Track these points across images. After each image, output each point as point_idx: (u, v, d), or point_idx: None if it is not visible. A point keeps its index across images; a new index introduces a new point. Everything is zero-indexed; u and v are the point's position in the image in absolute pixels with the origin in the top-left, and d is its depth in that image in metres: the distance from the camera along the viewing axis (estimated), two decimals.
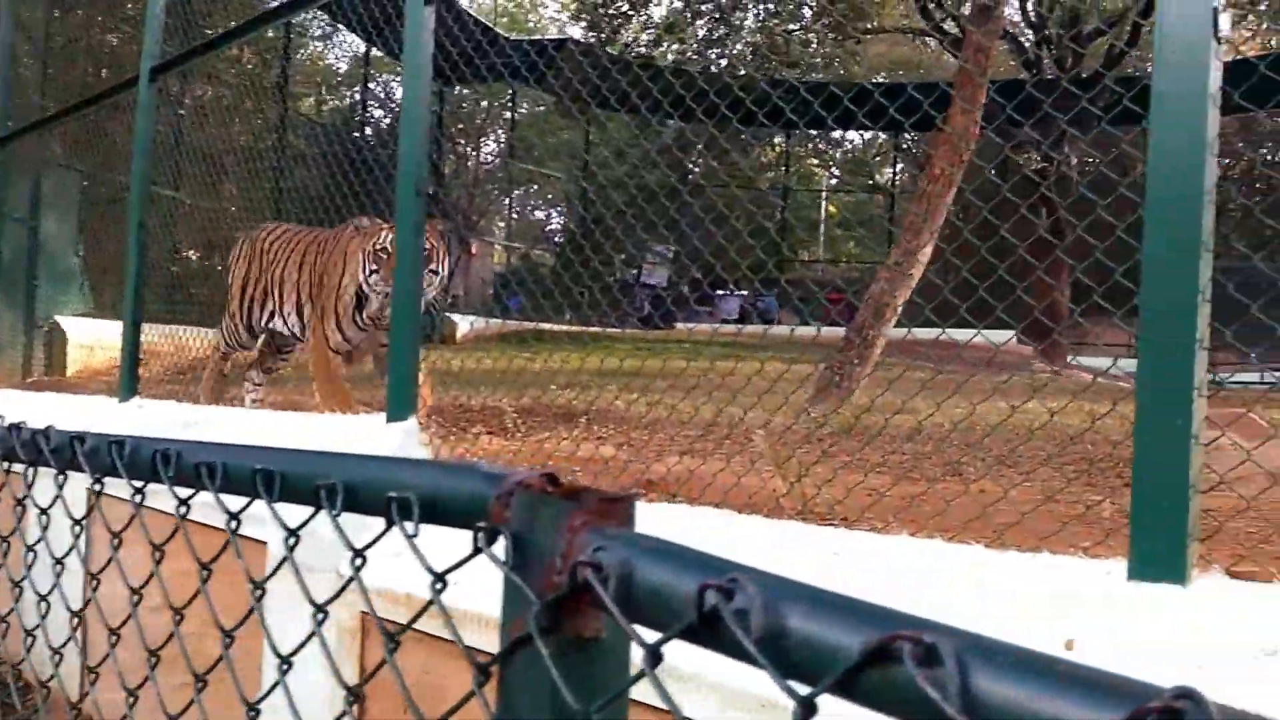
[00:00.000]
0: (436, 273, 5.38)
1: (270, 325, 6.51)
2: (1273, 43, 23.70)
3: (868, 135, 31.31)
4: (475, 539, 0.87)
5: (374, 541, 1.02)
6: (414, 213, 4.52)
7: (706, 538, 3.05)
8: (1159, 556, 2.26)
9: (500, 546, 0.86)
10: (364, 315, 5.73)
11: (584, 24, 20.35)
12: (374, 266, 5.43)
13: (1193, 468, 2.25)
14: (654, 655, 0.69)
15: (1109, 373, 3.51)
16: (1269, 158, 25.12)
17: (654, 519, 3.25)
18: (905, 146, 29.47)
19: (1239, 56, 18.98)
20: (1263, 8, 21.06)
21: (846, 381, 7.20)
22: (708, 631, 0.66)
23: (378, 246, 5.38)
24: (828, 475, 3.44)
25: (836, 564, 2.78)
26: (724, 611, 0.64)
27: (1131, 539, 2.30)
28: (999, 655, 0.53)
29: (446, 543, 0.96)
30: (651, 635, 0.72)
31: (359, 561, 1.01)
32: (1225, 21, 2.41)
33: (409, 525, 0.94)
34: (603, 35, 18.97)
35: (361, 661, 3.70)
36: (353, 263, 5.67)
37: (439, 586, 0.90)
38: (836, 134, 31.62)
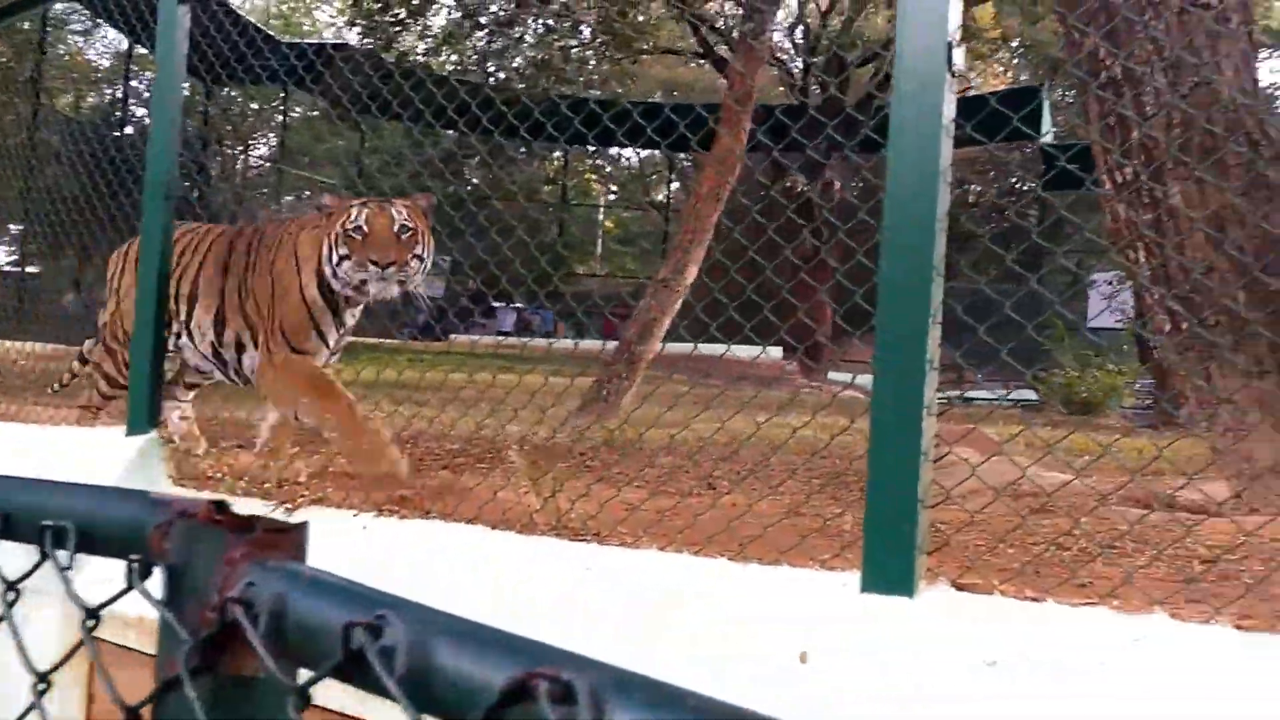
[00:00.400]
0: (421, 258, 4.22)
1: (178, 345, 4.97)
2: (1023, 77, 25.45)
3: (644, 153, 31.84)
4: (129, 572, 0.80)
5: (27, 575, 0.93)
6: (160, 217, 4.32)
7: (459, 555, 3.01)
8: (890, 569, 2.34)
9: (159, 580, 0.79)
10: (340, 316, 4.43)
11: (359, 30, 19.90)
12: (344, 251, 4.16)
13: (922, 483, 2.34)
14: (301, 696, 0.65)
15: (858, 386, 3.65)
16: (1018, 185, 26.96)
17: (406, 536, 3.18)
18: (680, 165, 30.13)
19: (984, 91, 20.26)
20: (1014, 44, 22.58)
21: (613, 395, 7.27)
22: (356, 670, 0.62)
23: (348, 226, 4.15)
24: (583, 490, 3.43)
25: (588, 579, 2.77)
26: (369, 650, 0.60)
27: (865, 552, 2.37)
28: (634, 691, 0.52)
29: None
30: (308, 674, 0.67)
31: (10, 596, 0.92)
32: (959, 56, 2.52)
33: (62, 555, 0.86)
34: (378, 42, 18.62)
35: (89, 689, 3.47)
36: (310, 257, 4.38)
37: (90, 624, 0.83)
38: (614, 151, 32.07)
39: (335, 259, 4.21)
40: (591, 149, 30.42)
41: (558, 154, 29.85)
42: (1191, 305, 3.34)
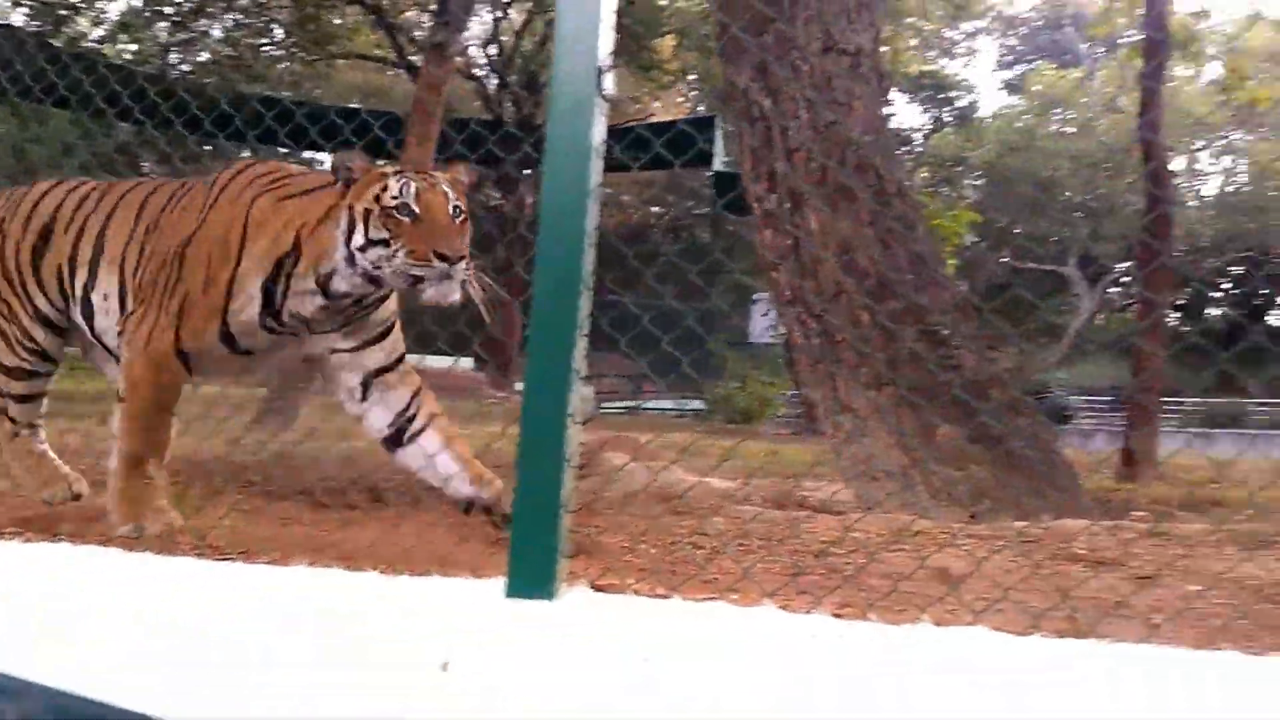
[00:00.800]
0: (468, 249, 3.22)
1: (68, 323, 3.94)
2: (700, 108, 26.64)
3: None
4: None
5: None
6: None
7: (89, 579, 2.84)
8: (532, 574, 2.42)
9: None
10: (283, 307, 3.35)
11: (25, 11, 18.49)
12: (380, 234, 3.12)
13: (565, 489, 2.43)
14: None
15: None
16: (694, 210, 28.20)
17: (30, 560, 2.97)
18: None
19: (663, 119, 21.10)
20: (691, 78, 23.66)
21: (289, 407, 7.05)
22: None
23: (388, 202, 3.12)
24: (232, 506, 3.32)
25: (233, 601, 2.70)
26: None
27: (510, 558, 2.44)
28: (27, 700, 0.53)
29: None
30: None
31: None
32: (610, 81, 2.62)
33: None
34: (45, 26, 17.39)
35: None
36: (287, 228, 3.33)
37: None
38: (309, 153, 31.14)
39: (361, 242, 3.17)
40: (284, 150, 29.39)
41: (246, 153, 28.66)
42: (822, 323, 3.63)
